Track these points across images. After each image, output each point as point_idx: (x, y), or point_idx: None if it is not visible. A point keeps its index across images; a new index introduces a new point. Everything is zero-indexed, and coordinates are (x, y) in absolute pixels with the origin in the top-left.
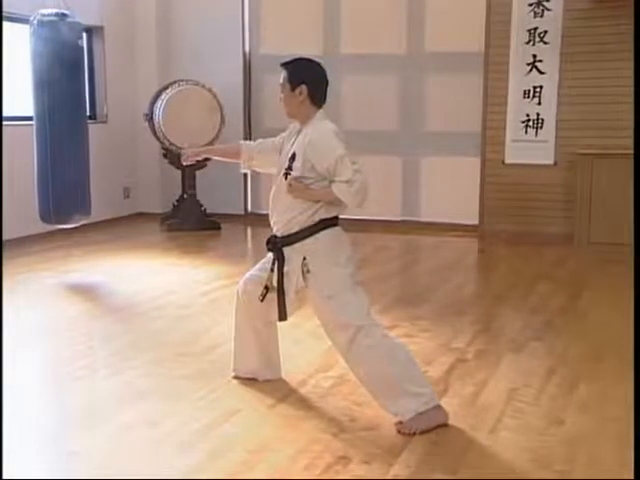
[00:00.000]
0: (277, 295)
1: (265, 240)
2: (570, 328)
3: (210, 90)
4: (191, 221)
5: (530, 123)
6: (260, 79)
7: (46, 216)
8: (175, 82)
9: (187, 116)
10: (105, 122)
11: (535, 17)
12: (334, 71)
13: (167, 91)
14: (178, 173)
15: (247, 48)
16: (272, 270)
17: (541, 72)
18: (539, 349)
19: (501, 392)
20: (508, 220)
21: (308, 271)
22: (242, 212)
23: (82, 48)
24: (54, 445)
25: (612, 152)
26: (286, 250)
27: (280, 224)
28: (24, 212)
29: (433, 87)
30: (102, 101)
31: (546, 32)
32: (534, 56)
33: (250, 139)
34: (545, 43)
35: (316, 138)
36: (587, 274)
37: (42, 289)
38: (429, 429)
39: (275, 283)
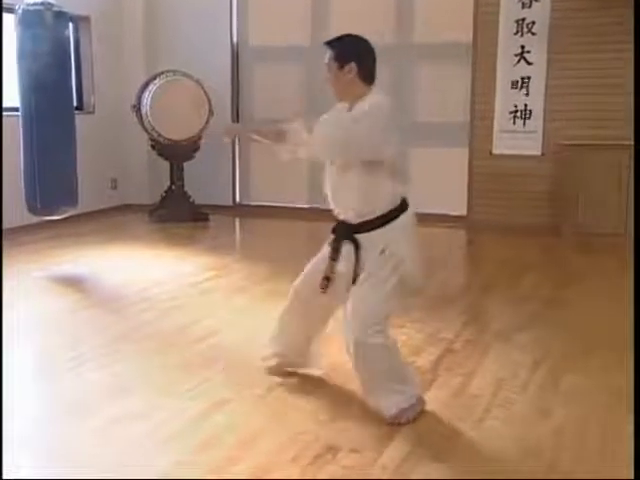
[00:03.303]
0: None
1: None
2: (557, 318)
3: (198, 81)
4: (179, 213)
5: (518, 114)
6: (249, 70)
7: (33, 207)
8: (163, 73)
9: (175, 107)
10: (92, 113)
11: (523, 8)
12: (321, 61)
13: (155, 82)
14: (166, 164)
15: (235, 39)
16: (334, 260)
17: (529, 63)
18: (527, 340)
19: (489, 382)
20: (496, 211)
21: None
22: (231, 203)
23: (68, 38)
24: (41, 440)
25: (599, 143)
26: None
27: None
28: (11, 203)
29: (422, 78)
30: (89, 92)
31: (534, 23)
32: (522, 47)
33: None
34: (533, 34)
35: (360, 112)
36: (574, 264)
37: (29, 281)
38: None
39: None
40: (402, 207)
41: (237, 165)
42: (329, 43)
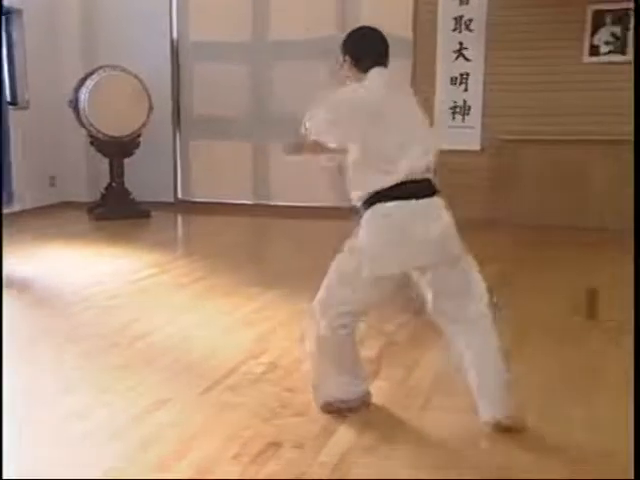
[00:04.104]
0: None
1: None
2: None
3: (137, 76)
4: (119, 210)
5: (457, 109)
6: (189, 65)
7: None
8: (101, 68)
9: (114, 103)
10: (27, 108)
11: (461, 5)
12: (262, 58)
13: (92, 77)
14: (105, 161)
15: (175, 34)
16: None
17: (467, 59)
18: None
19: (431, 373)
20: None
21: None
22: (172, 200)
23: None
24: None
25: (537, 138)
26: None
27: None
28: None
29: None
30: (23, 87)
31: (471, 20)
32: (460, 43)
33: (179, 126)
34: (470, 31)
35: None
36: (511, 257)
37: None
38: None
39: None
40: (373, 199)
41: (178, 161)
42: None
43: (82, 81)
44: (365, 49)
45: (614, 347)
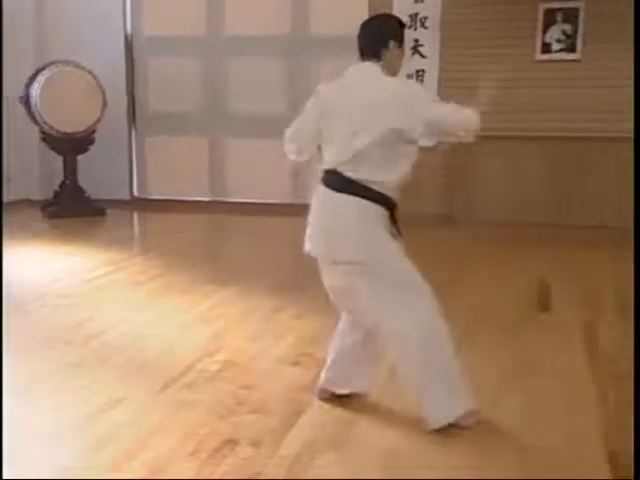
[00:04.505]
0: None
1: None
2: (450, 305)
3: (90, 72)
4: (74, 208)
5: None
6: (144, 61)
7: None
8: (52, 63)
9: (66, 99)
10: None
11: (416, 2)
12: (218, 53)
13: (43, 72)
14: (59, 158)
15: (129, 29)
16: None
17: (423, 56)
18: None
19: (386, 369)
20: None
21: None
22: (128, 197)
23: None
24: None
25: (491, 134)
26: None
27: None
28: None
29: (321, 71)
30: None
31: (426, 18)
32: (416, 41)
33: (134, 122)
34: (426, 28)
35: None
36: (466, 252)
37: None
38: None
39: None
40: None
41: (134, 158)
42: None
43: (33, 77)
44: (360, 39)
45: (562, 339)
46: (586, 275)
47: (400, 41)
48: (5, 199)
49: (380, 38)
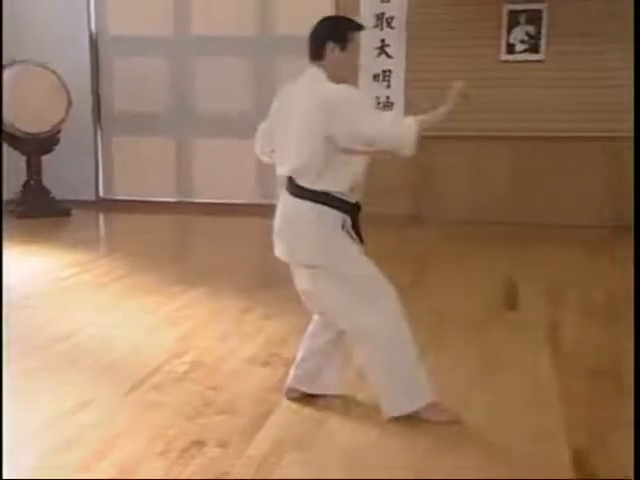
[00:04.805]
0: None
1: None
2: (416, 305)
3: (54, 71)
4: (38, 208)
5: (380, 106)
6: (109, 60)
7: None
8: (15, 62)
9: (29, 98)
10: None
11: (382, 2)
12: (184, 53)
13: (6, 72)
14: (22, 158)
15: (94, 28)
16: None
17: (389, 56)
18: None
19: (356, 368)
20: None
21: None
22: (93, 198)
23: None
24: None
25: (458, 134)
26: None
27: None
28: None
29: (282, 71)
30: None
31: (393, 18)
32: (382, 40)
33: (100, 122)
34: (392, 28)
35: None
36: (433, 251)
37: None
38: None
39: None
40: None
41: (100, 159)
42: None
43: None
44: (310, 42)
45: (528, 338)
46: (552, 274)
47: (342, 44)
48: None
49: (316, 39)
